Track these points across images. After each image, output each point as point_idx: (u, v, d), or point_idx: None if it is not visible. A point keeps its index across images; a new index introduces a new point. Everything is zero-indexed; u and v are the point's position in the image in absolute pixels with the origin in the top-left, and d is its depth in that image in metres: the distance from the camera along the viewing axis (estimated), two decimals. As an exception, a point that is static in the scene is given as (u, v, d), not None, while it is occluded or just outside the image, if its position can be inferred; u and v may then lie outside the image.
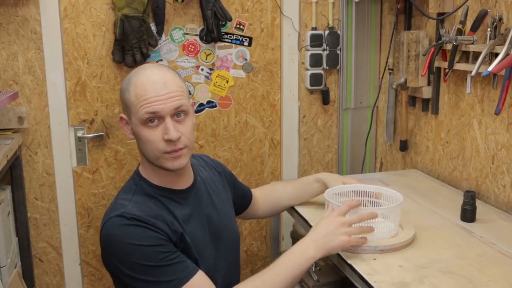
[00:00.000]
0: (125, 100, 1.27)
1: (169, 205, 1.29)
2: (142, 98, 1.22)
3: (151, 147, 1.24)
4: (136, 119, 1.24)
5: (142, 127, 1.24)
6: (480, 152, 1.76)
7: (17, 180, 2.01)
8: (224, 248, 1.41)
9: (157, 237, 1.19)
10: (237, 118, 2.30)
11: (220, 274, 1.37)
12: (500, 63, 1.48)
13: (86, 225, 2.20)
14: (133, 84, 1.24)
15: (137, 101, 1.22)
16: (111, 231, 1.21)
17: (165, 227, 1.22)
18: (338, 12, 2.28)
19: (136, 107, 1.23)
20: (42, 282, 2.18)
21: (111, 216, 1.23)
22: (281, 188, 1.72)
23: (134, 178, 1.34)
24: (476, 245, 1.39)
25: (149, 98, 1.21)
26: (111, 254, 1.22)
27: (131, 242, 1.18)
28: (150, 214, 1.22)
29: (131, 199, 1.26)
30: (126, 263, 1.19)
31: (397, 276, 1.21)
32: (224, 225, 1.43)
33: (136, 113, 1.23)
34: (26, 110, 2.03)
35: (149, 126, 1.23)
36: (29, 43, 1.99)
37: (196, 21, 2.17)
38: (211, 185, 1.46)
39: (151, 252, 1.18)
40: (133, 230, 1.19)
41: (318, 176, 1.65)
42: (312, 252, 1.27)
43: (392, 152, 2.33)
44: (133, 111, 1.24)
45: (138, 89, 1.23)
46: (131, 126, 1.28)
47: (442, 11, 1.84)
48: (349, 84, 2.33)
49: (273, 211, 1.75)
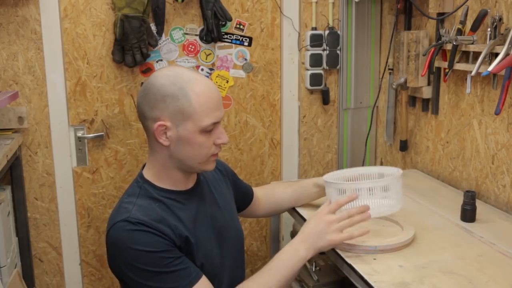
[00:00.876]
0: (180, 108, 1.23)
1: (174, 207, 1.29)
2: (207, 106, 1.24)
3: (203, 152, 1.28)
4: (196, 127, 1.24)
5: (200, 134, 1.25)
6: (480, 152, 1.76)
7: (17, 180, 2.01)
8: (229, 247, 1.41)
9: (162, 242, 1.20)
10: (237, 118, 2.30)
11: (226, 272, 1.38)
12: (500, 63, 1.48)
13: (86, 225, 2.20)
14: (192, 91, 1.23)
15: (201, 109, 1.23)
16: (117, 236, 1.22)
17: (169, 231, 1.23)
18: (338, 12, 2.28)
19: (199, 115, 1.23)
20: (42, 282, 2.18)
21: (116, 220, 1.23)
22: (282, 190, 1.72)
23: (137, 181, 1.34)
24: (476, 245, 1.39)
25: (215, 107, 1.26)
26: (117, 259, 1.23)
27: (136, 247, 1.19)
28: (155, 218, 1.23)
29: (135, 202, 1.26)
30: (131, 269, 1.20)
31: (397, 276, 1.21)
32: (228, 224, 1.44)
33: (198, 121, 1.23)
34: (26, 110, 2.03)
35: (205, 133, 1.26)
36: (29, 43, 1.99)
37: (196, 21, 2.17)
38: (214, 184, 1.47)
39: (155, 258, 1.19)
40: (138, 235, 1.20)
41: (317, 180, 1.64)
42: (303, 253, 1.31)
43: (392, 152, 2.33)
44: (194, 118, 1.23)
45: (201, 98, 1.23)
46: (179, 133, 1.25)
47: (442, 11, 1.84)
48: (349, 84, 2.33)
49: (272, 212, 1.76)
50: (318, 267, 1.83)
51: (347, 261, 1.29)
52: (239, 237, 1.49)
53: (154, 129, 1.25)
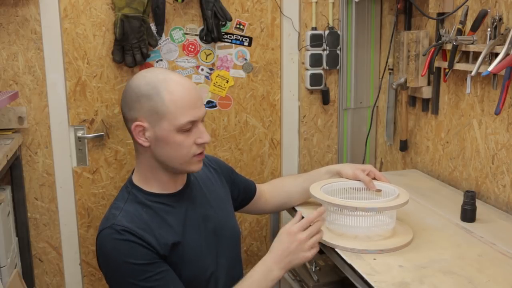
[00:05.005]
0: (153, 107, 1.23)
1: (162, 211, 1.29)
2: (181, 105, 1.23)
3: (182, 152, 1.26)
4: (171, 126, 1.23)
5: (176, 133, 1.24)
6: (480, 152, 1.76)
7: (17, 180, 2.01)
8: (224, 245, 1.41)
9: (144, 254, 1.21)
10: (237, 118, 2.30)
11: (223, 271, 1.38)
12: (500, 63, 1.48)
13: (86, 225, 2.20)
14: (165, 90, 1.23)
15: (175, 108, 1.22)
16: (103, 243, 1.24)
17: (153, 240, 1.23)
18: (338, 12, 2.28)
19: (174, 114, 1.22)
20: (42, 282, 2.18)
21: (103, 227, 1.25)
22: (291, 181, 1.69)
23: (127, 186, 1.34)
24: (476, 245, 1.39)
25: (190, 105, 1.24)
26: (102, 264, 1.27)
27: (117, 257, 1.21)
28: (139, 225, 1.23)
29: (122, 208, 1.27)
30: (112, 275, 1.24)
31: (397, 276, 1.21)
32: (223, 222, 1.43)
33: (173, 120, 1.23)
34: (26, 110, 2.03)
35: (183, 132, 1.25)
36: (29, 43, 1.99)
37: (196, 21, 2.17)
38: (206, 183, 1.46)
39: (135, 269, 1.20)
40: (122, 245, 1.21)
41: (330, 167, 1.63)
42: (277, 273, 1.32)
43: (392, 152, 2.33)
44: (168, 118, 1.23)
45: (175, 96, 1.23)
46: (156, 133, 1.25)
47: (442, 11, 1.84)
48: (349, 84, 2.33)
49: (282, 205, 1.71)
50: (318, 267, 1.83)
51: (347, 261, 1.29)
52: (235, 234, 1.49)
53: (132, 129, 1.27)
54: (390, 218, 1.40)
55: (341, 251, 1.34)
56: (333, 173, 1.61)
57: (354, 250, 1.33)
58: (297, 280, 1.85)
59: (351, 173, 1.55)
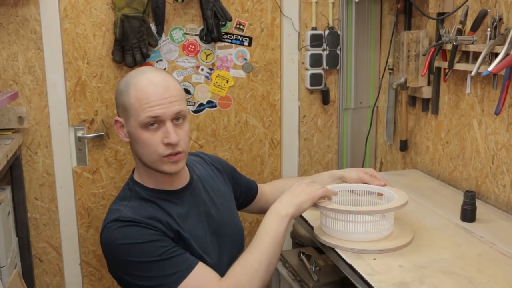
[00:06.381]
0: (123, 103, 1.27)
1: (165, 206, 1.29)
2: (144, 101, 1.22)
3: (150, 151, 1.25)
4: (136, 122, 1.24)
5: (142, 130, 1.24)
6: (480, 152, 1.76)
7: (17, 180, 2.01)
8: (227, 244, 1.41)
9: (153, 233, 1.20)
10: (237, 118, 2.30)
11: (225, 269, 1.37)
12: (500, 63, 1.47)
13: (86, 225, 2.20)
14: (134, 87, 1.24)
15: (139, 104, 1.22)
16: (109, 236, 1.22)
17: (160, 226, 1.23)
18: (338, 12, 2.28)
19: (137, 110, 1.23)
20: (42, 282, 2.18)
21: (108, 221, 1.24)
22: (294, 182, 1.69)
23: (128, 184, 1.35)
24: (476, 245, 1.39)
25: (151, 101, 1.22)
26: (113, 258, 1.24)
27: (129, 242, 1.19)
28: (145, 215, 1.23)
29: (126, 205, 1.27)
30: (128, 264, 1.20)
31: (397, 276, 1.21)
32: (226, 221, 1.43)
33: (136, 116, 1.23)
34: (26, 110, 2.03)
35: (149, 130, 1.24)
36: (29, 43, 1.99)
37: (196, 21, 2.17)
38: (209, 182, 1.46)
39: (150, 247, 1.18)
40: (129, 230, 1.20)
41: (332, 172, 1.64)
42: (283, 210, 1.31)
43: (392, 152, 2.33)
44: (132, 114, 1.24)
45: (139, 92, 1.23)
46: (128, 128, 1.28)
47: (442, 11, 1.84)
48: (349, 84, 2.33)
49: None
50: (318, 267, 1.84)
51: (347, 261, 1.29)
52: (238, 233, 1.49)
53: (114, 125, 1.32)
54: (389, 223, 1.40)
55: (341, 251, 1.34)
56: (335, 177, 1.62)
57: (354, 250, 1.33)
58: (297, 280, 1.85)
59: (355, 175, 1.56)
